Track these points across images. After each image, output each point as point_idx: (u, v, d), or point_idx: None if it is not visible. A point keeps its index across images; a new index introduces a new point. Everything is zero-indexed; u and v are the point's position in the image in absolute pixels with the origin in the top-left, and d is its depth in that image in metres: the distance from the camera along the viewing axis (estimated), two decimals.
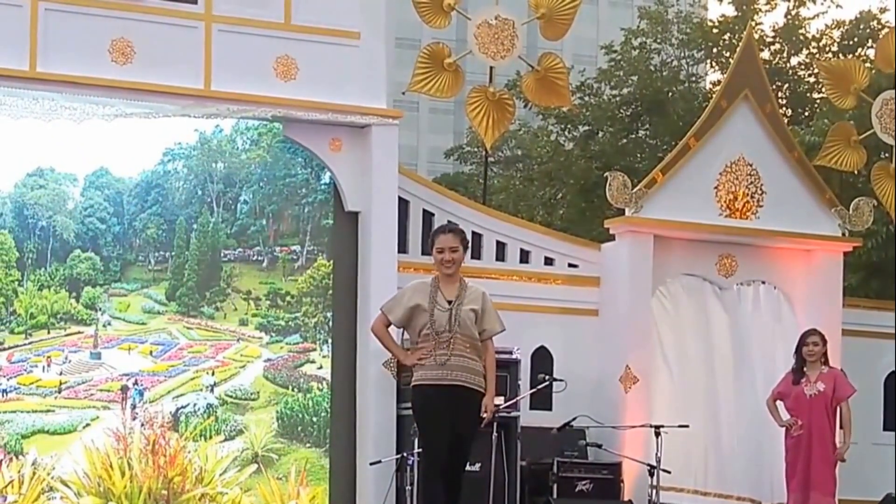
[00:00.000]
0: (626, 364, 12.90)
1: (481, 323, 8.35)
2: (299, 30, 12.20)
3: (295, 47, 12.16)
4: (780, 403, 12.14)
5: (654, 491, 11.10)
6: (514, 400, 11.78)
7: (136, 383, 11.91)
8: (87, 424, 11.69)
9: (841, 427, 11.83)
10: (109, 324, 11.98)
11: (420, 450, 10.99)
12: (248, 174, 12.48)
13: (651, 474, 11.12)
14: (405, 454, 11.25)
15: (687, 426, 11.87)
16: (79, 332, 11.89)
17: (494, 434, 10.94)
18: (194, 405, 11.99)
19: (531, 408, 12.41)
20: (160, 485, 11.70)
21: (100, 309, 11.96)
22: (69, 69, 11.49)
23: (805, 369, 11.89)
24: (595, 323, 13.23)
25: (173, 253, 12.19)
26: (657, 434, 11.19)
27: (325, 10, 12.27)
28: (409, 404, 11.79)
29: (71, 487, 11.53)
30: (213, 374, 12.14)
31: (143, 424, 11.80)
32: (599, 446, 12.19)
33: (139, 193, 12.17)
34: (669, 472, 11.30)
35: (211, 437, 11.98)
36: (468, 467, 11.69)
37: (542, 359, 12.99)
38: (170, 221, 12.21)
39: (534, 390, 11.86)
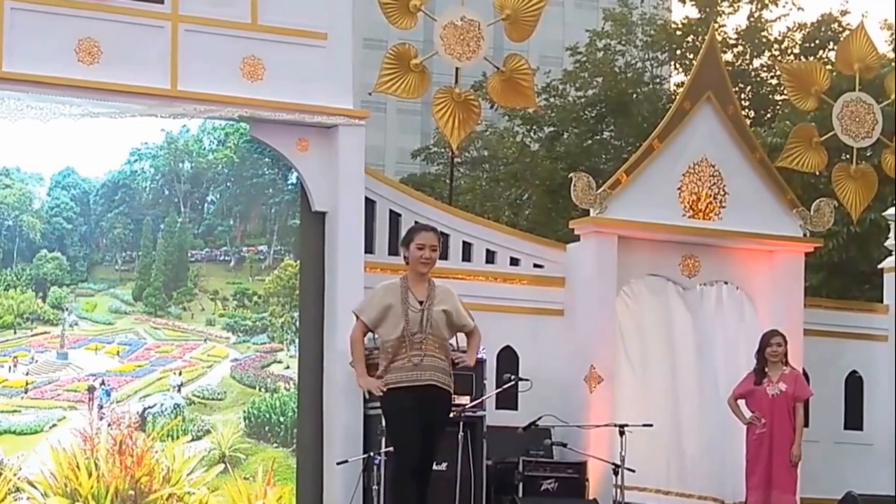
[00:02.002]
0: (590, 364, 12.98)
1: (458, 322, 8.39)
2: (266, 30, 12.22)
3: (262, 48, 12.19)
4: (741, 402, 12.29)
5: (619, 490, 11.18)
6: (480, 399, 11.84)
7: (102, 383, 11.90)
8: (54, 425, 11.67)
9: (797, 428, 12.02)
10: (76, 324, 11.97)
11: (389, 450, 11.08)
12: (215, 174, 12.50)
13: (615, 473, 11.21)
14: (372, 454, 11.29)
15: (651, 425, 11.96)
16: (45, 333, 11.87)
17: (461, 433, 11.03)
18: (161, 405, 12.00)
19: (497, 407, 12.48)
20: (127, 485, 11.71)
21: (66, 309, 11.95)
22: (35, 69, 11.48)
23: (767, 370, 12.07)
24: (560, 323, 13.31)
25: (140, 253, 12.20)
26: (621, 433, 11.27)
27: (292, 10, 12.30)
28: (377, 404, 11.92)
29: (38, 488, 11.52)
30: (180, 374, 12.16)
31: (110, 425, 11.79)
32: (564, 445, 12.27)
33: (106, 193, 12.17)
34: (634, 471, 11.38)
35: (178, 438, 11.99)
36: (434, 466, 11.82)
37: (507, 358, 13.06)
38: (137, 221, 12.21)
39: (499, 390, 11.93)
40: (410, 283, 8.34)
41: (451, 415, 8.57)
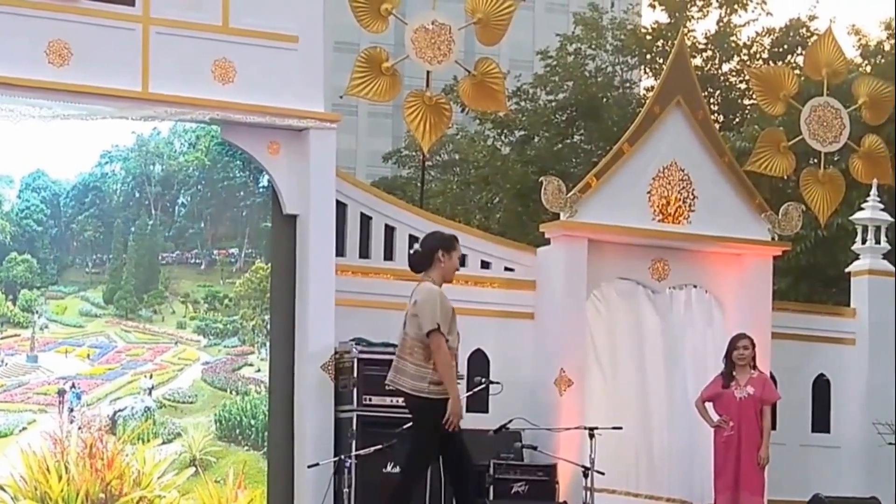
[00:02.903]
0: (560, 367, 13.03)
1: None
2: (237, 33, 12.22)
3: (233, 50, 12.19)
4: (709, 405, 12.37)
5: (588, 492, 11.24)
6: None
7: (73, 386, 11.88)
8: (24, 428, 11.63)
9: (764, 431, 12.12)
10: (46, 327, 11.94)
11: (360, 453, 11.12)
12: (186, 177, 12.50)
13: (585, 476, 11.27)
14: (343, 457, 11.32)
15: (620, 428, 12.04)
16: (15, 335, 11.83)
17: None
18: (132, 408, 11.97)
19: (467, 410, 12.38)
20: (97, 488, 11.68)
21: (36, 312, 11.92)
22: (5, 71, 11.43)
23: (734, 373, 12.16)
24: (531, 326, 13.36)
25: (111, 256, 12.18)
26: (591, 436, 11.34)
27: (263, 13, 12.30)
28: (349, 407, 11.97)
29: (7, 491, 11.48)
30: (150, 377, 12.14)
31: (80, 428, 11.76)
32: (535, 448, 12.32)
33: (76, 195, 12.15)
34: (603, 474, 11.45)
35: (149, 441, 11.97)
36: None
37: (478, 362, 13.09)
38: (107, 224, 12.19)
39: (470, 393, 11.94)
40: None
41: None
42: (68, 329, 11.99)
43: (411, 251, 8.90)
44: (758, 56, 24.87)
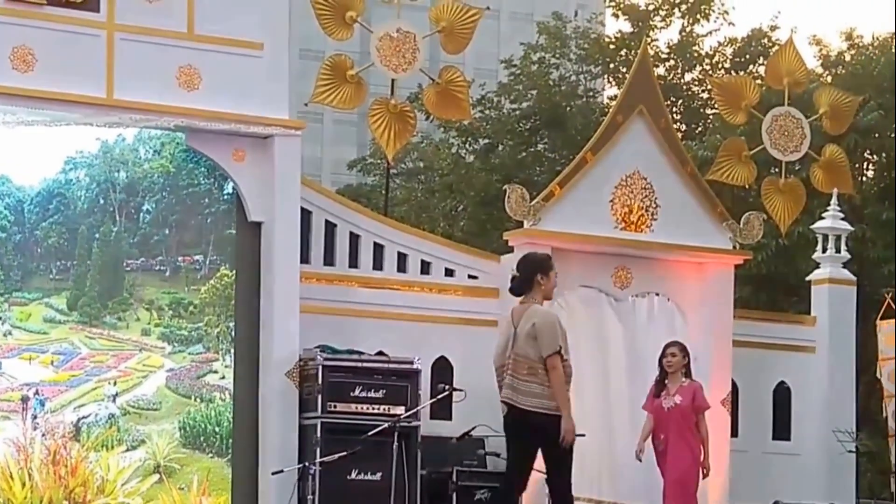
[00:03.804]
0: None
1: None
2: (202, 40, 12.23)
3: (198, 57, 12.20)
4: (650, 417, 12.12)
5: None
6: (415, 410, 11.93)
7: (37, 393, 11.84)
8: None
9: (703, 441, 11.85)
10: (10, 333, 11.90)
11: (324, 460, 11.15)
12: (151, 183, 12.50)
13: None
14: (307, 464, 11.34)
15: (583, 435, 11.96)
16: None
17: (395, 443, 11.11)
18: (96, 415, 11.95)
19: (431, 417, 12.55)
20: (61, 495, 11.65)
21: (0, 318, 11.88)
22: None
23: (666, 381, 11.97)
24: (494, 334, 13.35)
25: (75, 262, 12.16)
26: None
27: (228, 20, 12.32)
28: (313, 414, 12.00)
29: None
30: (115, 384, 12.12)
31: (44, 435, 11.73)
32: (498, 455, 12.33)
33: (40, 202, 12.12)
34: None
35: (113, 448, 11.95)
36: (368, 476, 11.97)
37: (442, 369, 13.13)
38: (72, 230, 12.17)
39: (434, 400, 11.99)
40: None
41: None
42: (32, 335, 11.96)
43: (510, 278, 9.36)
44: (720, 66, 25.04)
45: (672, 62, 25.12)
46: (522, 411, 9.00)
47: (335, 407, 11.99)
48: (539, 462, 9.33)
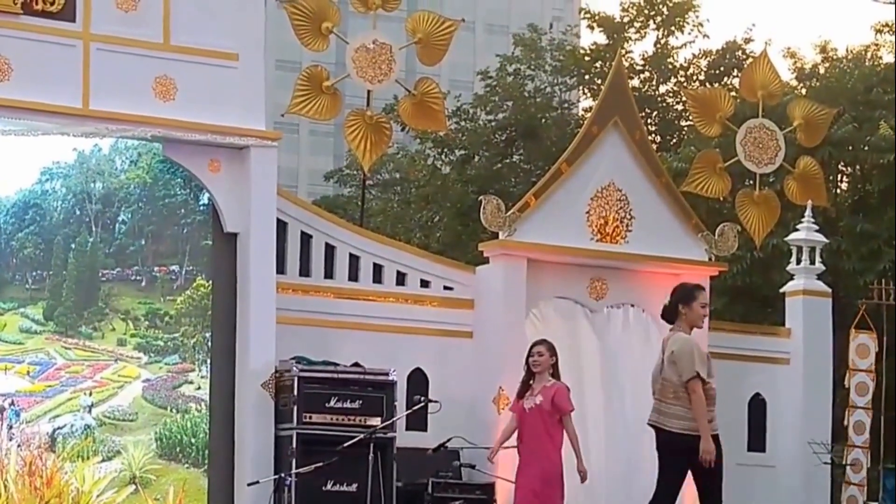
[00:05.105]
0: (499, 385, 13.10)
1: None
2: (178, 50, 12.23)
3: (174, 67, 12.20)
4: (513, 418, 11.38)
5: None
6: (391, 421, 11.94)
7: (12, 404, 11.80)
8: None
9: (573, 445, 11.19)
10: None
11: (300, 471, 11.13)
12: (127, 194, 12.48)
13: None
14: (283, 475, 11.32)
15: None
16: None
17: (371, 455, 11.11)
18: (72, 426, 11.91)
19: (407, 428, 12.56)
20: None
21: None
22: None
23: (532, 382, 11.24)
24: (469, 345, 13.43)
25: (51, 272, 12.12)
26: None
27: (204, 31, 12.32)
28: (289, 425, 12.00)
29: None
30: (90, 394, 12.09)
31: (19, 445, 11.68)
32: (473, 467, 12.37)
33: (16, 212, 12.08)
34: None
35: (88, 458, 11.91)
36: (343, 487, 11.94)
37: (417, 380, 13.13)
38: (47, 241, 12.14)
39: (409, 411, 12.01)
40: None
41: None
42: (8, 346, 11.92)
43: (662, 306, 9.78)
44: (694, 78, 25.17)
45: (647, 74, 25.23)
46: (670, 434, 9.47)
47: (311, 418, 11.98)
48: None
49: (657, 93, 25.26)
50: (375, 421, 11.95)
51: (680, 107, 24.64)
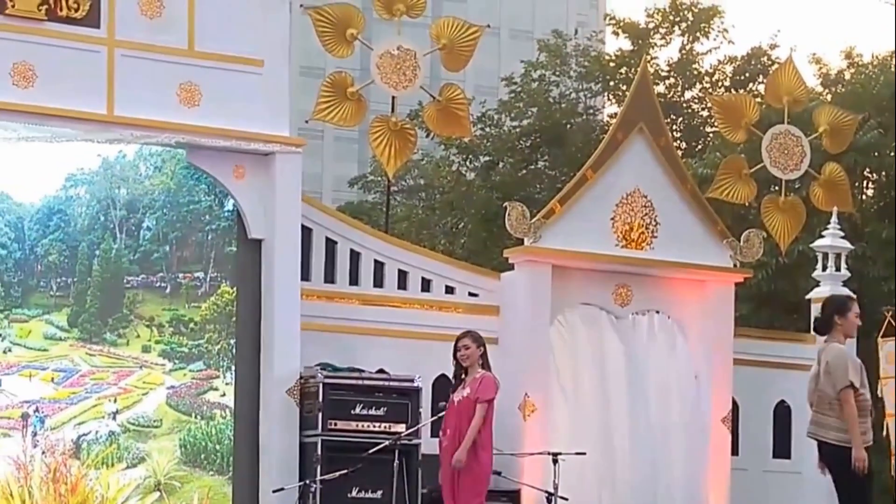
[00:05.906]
0: (525, 392, 13.08)
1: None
2: (203, 56, 12.25)
3: (198, 74, 12.22)
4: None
5: None
6: (416, 427, 11.92)
7: (37, 410, 11.82)
8: None
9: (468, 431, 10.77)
10: (10, 350, 11.87)
11: (325, 478, 11.11)
12: (152, 200, 12.49)
13: (549, 501, 11.29)
14: (308, 482, 11.32)
15: (584, 453, 12.06)
16: None
17: (396, 461, 11.09)
18: (96, 432, 11.92)
19: (432, 435, 12.50)
20: None
21: (0, 335, 11.86)
22: None
23: (464, 376, 11.04)
24: (494, 351, 13.28)
25: (75, 279, 12.14)
26: (555, 461, 11.36)
27: (229, 37, 12.34)
28: (314, 432, 11.98)
29: None
30: (115, 401, 12.09)
31: (44, 452, 11.70)
32: (499, 473, 12.31)
33: (41, 219, 12.11)
34: (567, 500, 11.49)
35: (113, 465, 11.93)
36: (368, 494, 11.89)
37: (442, 387, 13.04)
38: (72, 247, 12.16)
39: (435, 418, 11.96)
40: None
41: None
42: (32, 352, 11.94)
43: (814, 318, 10.19)
44: (720, 84, 25.10)
45: (672, 80, 25.17)
46: (827, 444, 9.68)
47: (336, 425, 11.97)
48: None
49: (682, 99, 25.21)
50: (400, 427, 11.94)
51: (705, 113, 24.57)
